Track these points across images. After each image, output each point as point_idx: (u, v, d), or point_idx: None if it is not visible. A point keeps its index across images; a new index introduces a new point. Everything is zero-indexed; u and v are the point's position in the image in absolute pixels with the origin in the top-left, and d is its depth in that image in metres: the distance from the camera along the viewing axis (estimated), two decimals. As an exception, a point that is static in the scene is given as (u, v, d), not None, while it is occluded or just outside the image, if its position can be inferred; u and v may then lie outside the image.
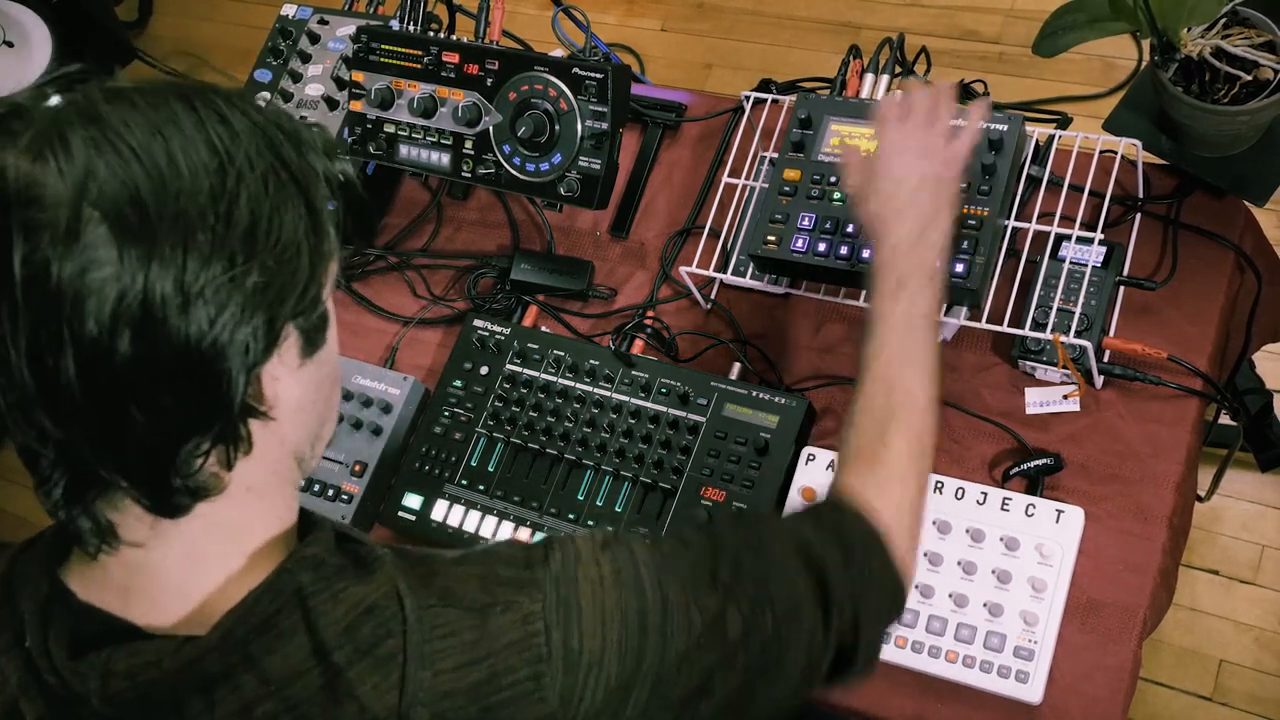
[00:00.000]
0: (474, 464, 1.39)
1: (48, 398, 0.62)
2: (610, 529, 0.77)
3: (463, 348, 1.46)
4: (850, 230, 1.24)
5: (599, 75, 1.34)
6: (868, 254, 1.23)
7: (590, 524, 1.31)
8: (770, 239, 1.28)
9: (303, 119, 1.60)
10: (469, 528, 1.35)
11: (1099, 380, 1.25)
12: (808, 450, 1.27)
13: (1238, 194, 1.26)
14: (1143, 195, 1.31)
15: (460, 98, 1.43)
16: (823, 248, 1.25)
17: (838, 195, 1.27)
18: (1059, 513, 1.17)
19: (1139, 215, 1.30)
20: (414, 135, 1.47)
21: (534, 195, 1.43)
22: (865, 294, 1.27)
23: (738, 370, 1.37)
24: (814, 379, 1.36)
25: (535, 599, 0.74)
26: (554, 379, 1.40)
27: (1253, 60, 1.13)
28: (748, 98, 1.45)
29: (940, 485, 1.21)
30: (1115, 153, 1.31)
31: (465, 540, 1.34)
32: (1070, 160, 1.27)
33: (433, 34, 1.52)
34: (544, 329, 1.47)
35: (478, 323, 1.46)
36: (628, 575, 0.78)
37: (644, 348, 1.44)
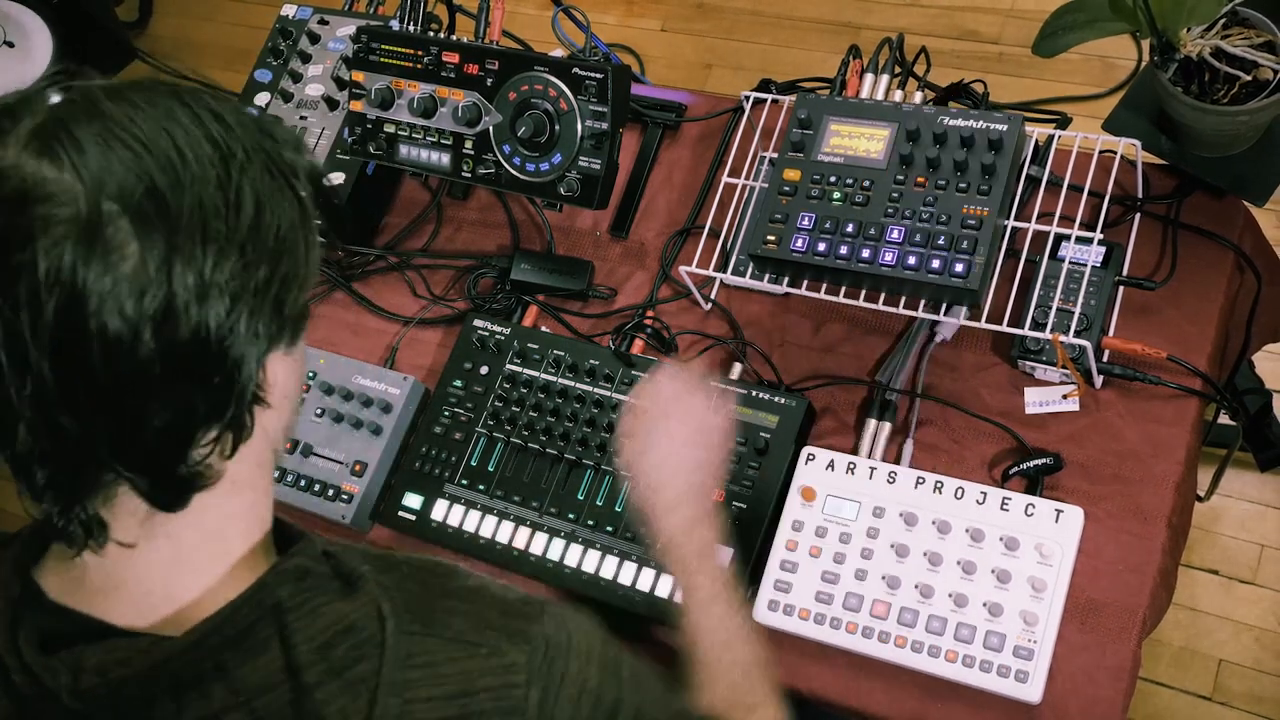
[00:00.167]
0: (474, 464, 1.39)
1: (70, 395, 0.62)
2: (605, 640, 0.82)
3: (463, 348, 1.46)
4: (850, 230, 1.25)
5: (599, 75, 1.34)
6: (867, 254, 1.23)
7: (590, 524, 1.31)
8: (770, 239, 1.28)
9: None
10: (469, 528, 1.35)
11: (1098, 380, 1.25)
12: (807, 450, 1.27)
13: (1237, 194, 1.26)
14: (1142, 195, 1.31)
15: (460, 98, 1.43)
16: (823, 248, 1.25)
17: (837, 195, 1.27)
18: (1058, 512, 1.17)
19: (1138, 215, 1.30)
20: (414, 135, 1.47)
21: (534, 195, 1.43)
22: (865, 296, 1.28)
23: (738, 370, 1.38)
24: (814, 379, 1.36)
25: (522, 650, 0.74)
26: (554, 379, 1.40)
27: (1252, 60, 1.13)
28: (748, 98, 1.45)
29: (940, 485, 1.21)
30: (1115, 153, 1.31)
31: (465, 540, 1.34)
32: (1070, 160, 1.27)
33: (433, 34, 1.52)
34: (544, 329, 1.47)
35: (478, 323, 1.46)
36: (611, 680, 0.79)
37: (644, 348, 1.44)
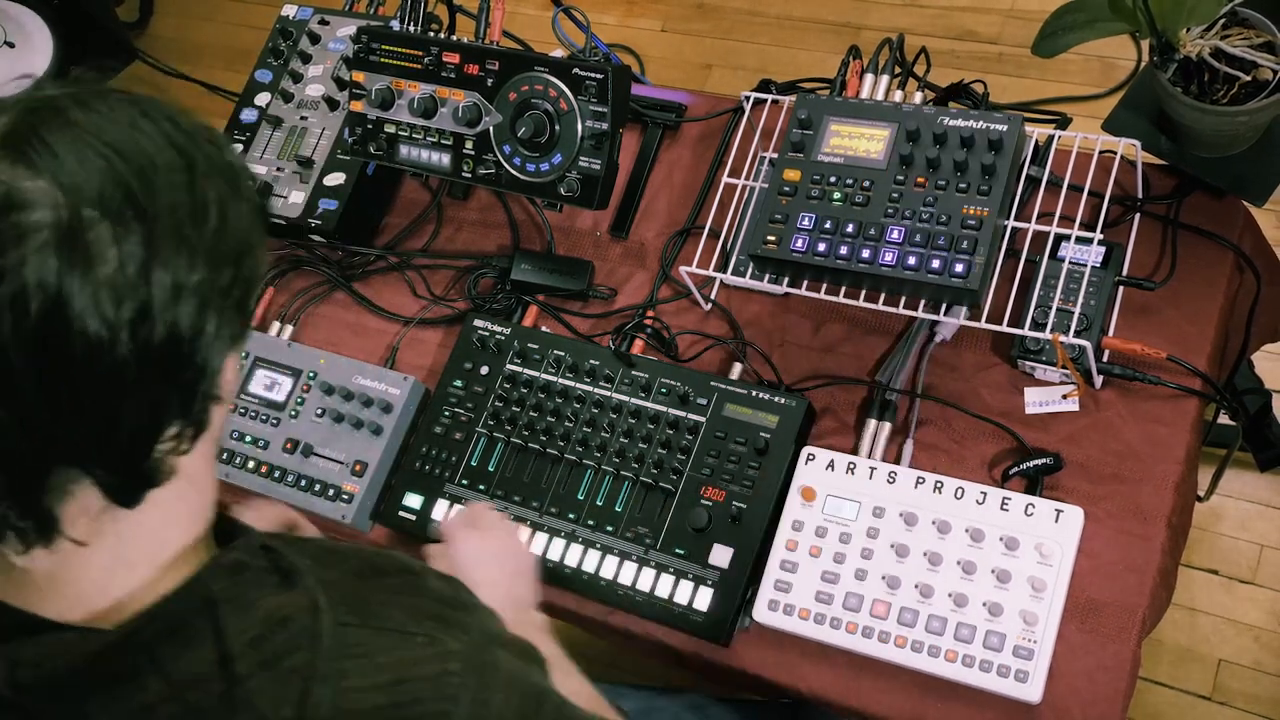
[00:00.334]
0: (474, 464, 1.39)
1: (51, 399, 0.63)
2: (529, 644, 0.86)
3: (463, 348, 1.46)
4: (850, 230, 1.25)
5: (599, 75, 1.34)
6: (867, 254, 1.23)
7: (590, 524, 1.31)
8: (770, 239, 1.28)
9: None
10: (469, 527, 1.36)
11: (1098, 380, 1.25)
12: (807, 450, 1.27)
13: (1237, 194, 1.26)
14: (1142, 195, 1.31)
15: (460, 98, 1.43)
16: (822, 248, 1.25)
17: (837, 195, 1.27)
18: (1058, 512, 1.17)
19: (1138, 215, 1.30)
20: (414, 135, 1.47)
21: (534, 195, 1.43)
22: (865, 296, 1.28)
23: (738, 370, 1.38)
24: (814, 379, 1.36)
25: (459, 639, 0.75)
26: (554, 379, 1.40)
27: (1251, 61, 1.13)
28: (747, 98, 1.45)
29: (940, 485, 1.21)
30: (1114, 153, 1.31)
31: (465, 540, 1.34)
32: (1070, 160, 1.27)
33: (433, 34, 1.52)
34: (544, 329, 1.47)
35: (478, 323, 1.46)
36: (538, 670, 0.82)
37: (644, 348, 1.44)
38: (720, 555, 1.25)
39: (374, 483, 1.42)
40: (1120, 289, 1.27)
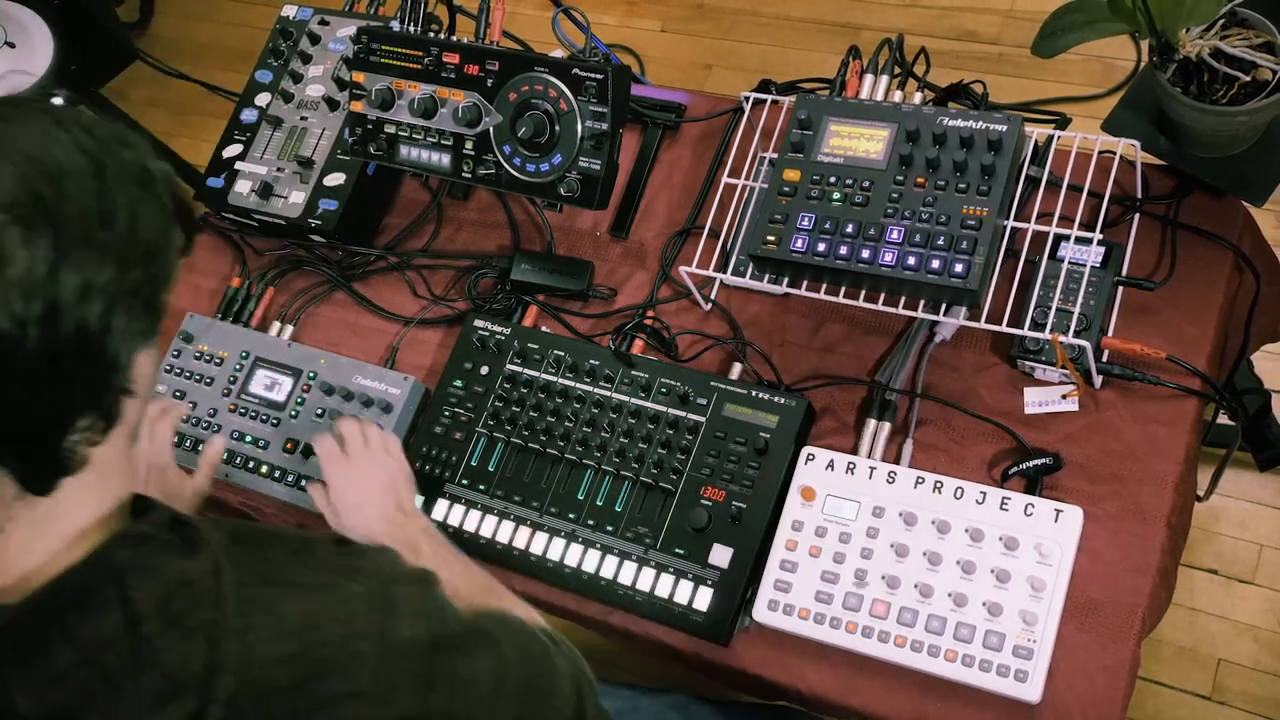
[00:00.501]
0: (474, 464, 1.39)
1: None
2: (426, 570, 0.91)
3: (463, 348, 1.46)
4: (850, 230, 1.25)
5: (599, 76, 1.34)
6: (867, 254, 1.23)
7: (590, 524, 1.31)
8: (770, 239, 1.28)
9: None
10: (469, 527, 1.36)
11: (1098, 380, 1.25)
12: (807, 450, 1.27)
13: (1236, 194, 1.26)
14: (1141, 195, 1.31)
15: (460, 98, 1.43)
16: (822, 248, 1.25)
17: (837, 195, 1.27)
18: (1058, 512, 1.17)
19: (1138, 215, 1.30)
20: (414, 136, 1.47)
21: (534, 195, 1.43)
22: (865, 296, 1.28)
23: (738, 370, 1.38)
24: (814, 379, 1.36)
25: (360, 583, 0.80)
26: (554, 379, 1.40)
27: (1251, 61, 1.13)
28: (747, 98, 1.45)
29: (940, 485, 1.21)
30: (1114, 153, 1.31)
31: (465, 540, 1.34)
32: (1069, 160, 1.27)
33: (433, 35, 1.52)
34: (544, 329, 1.47)
35: (478, 323, 1.46)
36: (433, 602, 0.86)
37: (644, 348, 1.44)
38: (720, 555, 1.25)
39: (374, 483, 1.42)
40: (1120, 289, 1.27)
